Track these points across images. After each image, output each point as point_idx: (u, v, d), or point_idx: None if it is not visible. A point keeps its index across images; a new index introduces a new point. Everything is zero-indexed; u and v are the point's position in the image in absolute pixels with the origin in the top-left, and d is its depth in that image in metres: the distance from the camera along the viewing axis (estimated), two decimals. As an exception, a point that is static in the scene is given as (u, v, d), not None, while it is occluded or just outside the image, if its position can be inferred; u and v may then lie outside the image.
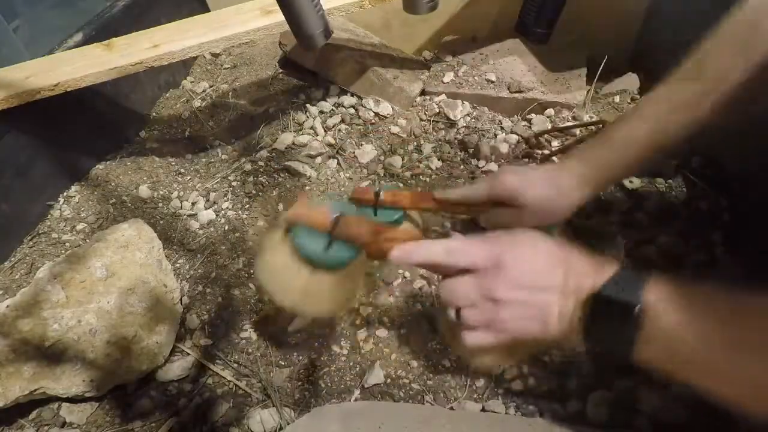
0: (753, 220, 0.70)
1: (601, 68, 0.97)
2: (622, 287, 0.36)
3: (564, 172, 0.54)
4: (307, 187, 0.87)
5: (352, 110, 1.01)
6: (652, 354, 0.35)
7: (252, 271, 0.75)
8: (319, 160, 0.92)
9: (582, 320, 0.38)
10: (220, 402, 0.61)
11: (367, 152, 0.92)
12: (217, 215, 0.84)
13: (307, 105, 1.02)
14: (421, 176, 0.87)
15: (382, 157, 0.91)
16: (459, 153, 0.91)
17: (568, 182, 0.53)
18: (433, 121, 0.98)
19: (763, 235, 0.67)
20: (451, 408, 0.58)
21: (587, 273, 0.39)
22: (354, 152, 0.92)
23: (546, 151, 0.88)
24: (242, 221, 0.83)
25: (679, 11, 0.95)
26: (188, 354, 0.65)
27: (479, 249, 0.42)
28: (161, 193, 0.89)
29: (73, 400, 0.60)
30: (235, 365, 0.64)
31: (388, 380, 0.61)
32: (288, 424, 0.57)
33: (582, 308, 0.38)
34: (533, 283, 0.40)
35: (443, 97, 1.01)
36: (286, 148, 0.94)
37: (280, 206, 0.85)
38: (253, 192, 0.88)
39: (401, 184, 0.86)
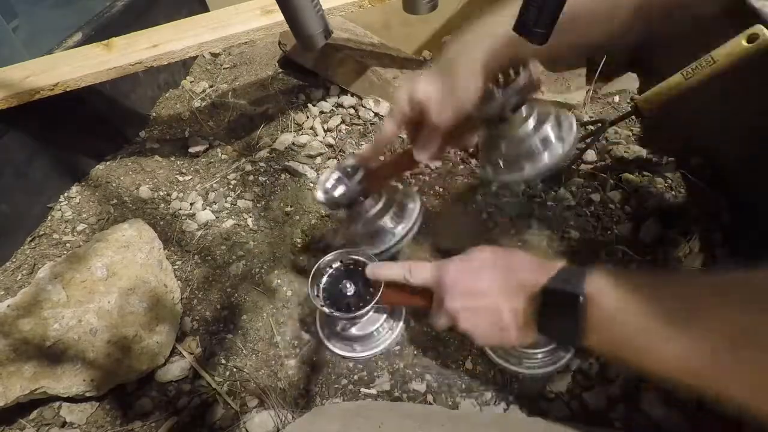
0: (753, 220, 0.70)
1: (600, 68, 0.98)
2: (567, 280, 0.39)
3: (458, 45, 0.49)
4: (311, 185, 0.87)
5: (352, 110, 1.01)
6: (599, 340, 0.37)
7: (251, 271, 0.75)
8: (319, 160, 0.92)
9: (533, 314, 0.42)
10: (219, 402, 0.61)
11: (367, 152, 0.92)
12: (216, 216, 0.84)
13: (307, 105, 1.02)
14: (420, 175, 0.87)
15: (381, 158, 0.91)
16: (458, 153, 0.91)
17: (464, 56, 0.48)
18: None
19: (764, 235, 0.67)
20: (451, 407, 0.58)
21: (532, 270, 0.43)
22: (354, 152, 0.92)
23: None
24: (242, 222, 0.83)
25: (678, 11, 0.95)
26: (186, 356, 0.65)
27: (427, 268, 0.50)
28: (161, 193, 0.89)
29: (73, 399, 0.60)
30: (235, 366, 0.64)
31: (391, 381, 0.61)
32: (284, 427, 0.57)
33: (532, 303, 0.42)
34: (471, 290, 0.45)
35: (443, 97, 1.01)
36: (285, 148, 0.94)
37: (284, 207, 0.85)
38: (253, 192, 0.88)
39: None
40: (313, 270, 0.60)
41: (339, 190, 0.60)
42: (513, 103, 0.50)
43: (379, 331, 0.63)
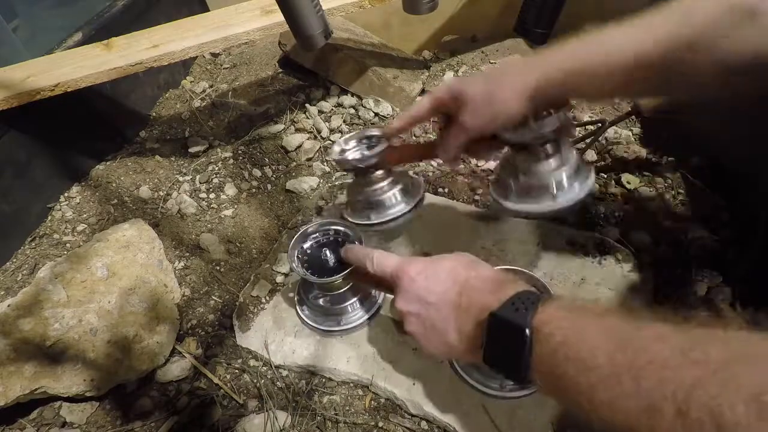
0: (753, 219, 0.70)
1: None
2: (517, 308, 0.36)
3: (510, 65, 0.50)
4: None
5: (352, 110, 1.01)
6: (544, 377, 0.35)
7: (251, 270, 0.75)
8: (317, 161, 0.92)
9: (480, 339, 0.39)
10: (218, 403, 0.61)
11: (367, 152, 0.92)
12: (216, 215, 0.84)
13: (307, 105, 1.02)
14: (424, 173, 0.87)
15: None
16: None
17: (513, 75, 0.47)
18: (432, 120, 0.98)
19: (764, 234, 0.67)
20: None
21: (486, 291, 0.41)
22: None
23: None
24: (242, 222, 0.83)
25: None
26: (186, 356, 0.65)
27: (390, 261, 0.48)
28: (161, 193, 0.89)
29: (73, 399, 0.61)
30: (235, 367, 0.64)
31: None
32: (284, 428, 0.57)
33: (479, 328, 0.39)
34: (425, 298, 0.44)
35: (443, 97, 1.01)
36: (285, 148, 0.94)
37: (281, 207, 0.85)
38: (253, 192, 0.88)
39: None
40: (296, 235, 0.61)
41: (355, 154, 0.63)
42: (544, 137, 0.50)
43: (351, 308, 0.63)
